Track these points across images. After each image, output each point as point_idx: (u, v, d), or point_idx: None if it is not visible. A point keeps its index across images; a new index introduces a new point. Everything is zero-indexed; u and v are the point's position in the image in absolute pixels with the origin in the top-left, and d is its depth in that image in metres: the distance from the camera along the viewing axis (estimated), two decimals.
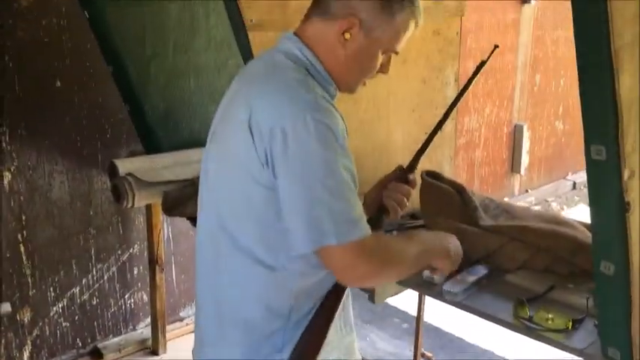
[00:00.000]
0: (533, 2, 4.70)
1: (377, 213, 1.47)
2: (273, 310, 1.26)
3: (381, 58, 1.29)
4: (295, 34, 1.29)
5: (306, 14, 1.30)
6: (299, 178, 1.14)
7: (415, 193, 1.59)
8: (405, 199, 1.45)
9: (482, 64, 1.54)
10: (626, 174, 1.09)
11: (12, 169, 2.60)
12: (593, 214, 1.21)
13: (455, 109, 1.60)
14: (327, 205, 1.13)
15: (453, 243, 1.44)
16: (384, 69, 1.33)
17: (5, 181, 2.59)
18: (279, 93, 1.18)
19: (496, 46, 1.57)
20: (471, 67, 4.37)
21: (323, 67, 1.27)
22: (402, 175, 1.50)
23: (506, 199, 4.95)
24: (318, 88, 1.22)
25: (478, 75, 1.55)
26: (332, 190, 1.13)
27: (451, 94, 2.39)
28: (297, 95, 1.17)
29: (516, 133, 4.97)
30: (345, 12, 1.23)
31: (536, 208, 5.09)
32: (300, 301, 1.26)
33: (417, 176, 1.55)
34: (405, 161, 2.26)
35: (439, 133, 1.58)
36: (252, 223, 1.23)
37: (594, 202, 1.20)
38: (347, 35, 1.23)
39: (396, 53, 1.32)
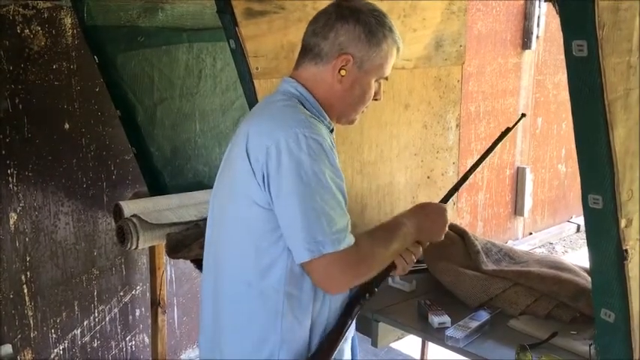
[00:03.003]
0: (533, 47, 4.78)
1: (385, 270, 1.44)
2: (264, 334, 1.30)
3: (374, 86, 1.39)
4: (291, 77, 1.39)
5: (297, 61, 1.40)
6: (292, 190, 1.21)
7: None
8: (413, 256, 1.45)
9: (508, 130, 1.60)
10: (622, 222, 1.11)
11: (18, 210, 2.62)
12: (592, 261, 1.22)
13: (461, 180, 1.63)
14: (323, 214, 1.20)
15: (429, 217, 1.44)
16: (377, 96, 1.42)
17: (11, 222, 2.61)
18: (271, 117, 1.29)
19: (523, 115, 1.64)
20: (473, 112, 4.43)
21: (317, 103, 1.36)
22: None
23: (510, 242, 4.93)
24: (307, 113, 1.30)
25: (502, 140, 1.61)
26: (324, 200, 1.20)
27: (453, 138, 2.42)
28: (287, 116, 1.27)
29: (519, 176, 4.99)
30: (336, 52, 1.33)
31: (540, 250, 5.07)
32: (288, 325, 1.30)
33: None
34: (407, 203, 2.29)
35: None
36: (249, 248, 1.29)
37: (593, 250, 1.21)
38: (343, 72, 1.34)
39: (386, 79, 1.42)
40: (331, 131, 1.39)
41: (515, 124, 1.64)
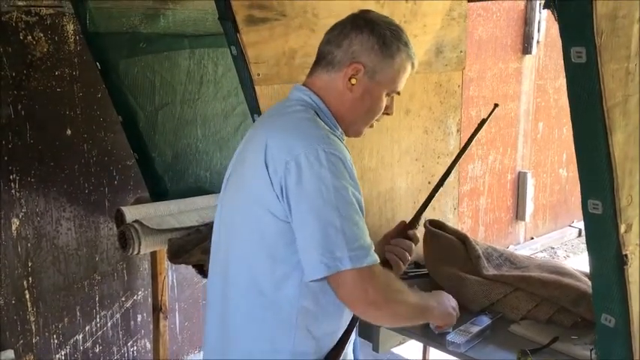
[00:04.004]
0: (534, 52, 4.79)
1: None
2: (275, 345, 1.29)
3: (385, 100, 1.39)
4: (304, 85, 1.40)
5: (311, 69, 1.41)
6: (312, 205, 1.20)
7: (419, 243, 1.61)
8: (407, 254, 1.47)
9: (483, 122, 1.60)
10: (622, 228, 1.11)
11: (20, 216, 2.63)
12: (593, 266, 1.23)
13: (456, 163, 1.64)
14: (341, 231, 1.19)
15: (452, 303, 1.50)
16: (388, 110, 1.43)
17: (13, 228, 2.62)
18: (291, 130, 1.28)
19: (496, 105, 1.63)
20: (474, 117, 4.45)
21: (330, 113, 1.36)
22: (404, 231, 1.54)
23: (511, 247, 4.93)
24: (326, 127, 1.31)
25: (479, 133, 1.61)
26: (344, 216, 1.19)
27: (454, 143, 2.42)
28: (308, 131, 1.26)
29: (520, 181, 5.00)
30: (348, 60, 1.34)
31: (542, 255, 5.06)
32: (301, 338, 1.29)
33: (421, 227, 1.58)
34: (408, 209, 2.30)
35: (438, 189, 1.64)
36: (262, 256, 1.27)
37: (593, 255, 1.21)
38: (353, 80, 1.34)
39: (398, 93, 1.42)
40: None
41: (489, 115, 1.65)
